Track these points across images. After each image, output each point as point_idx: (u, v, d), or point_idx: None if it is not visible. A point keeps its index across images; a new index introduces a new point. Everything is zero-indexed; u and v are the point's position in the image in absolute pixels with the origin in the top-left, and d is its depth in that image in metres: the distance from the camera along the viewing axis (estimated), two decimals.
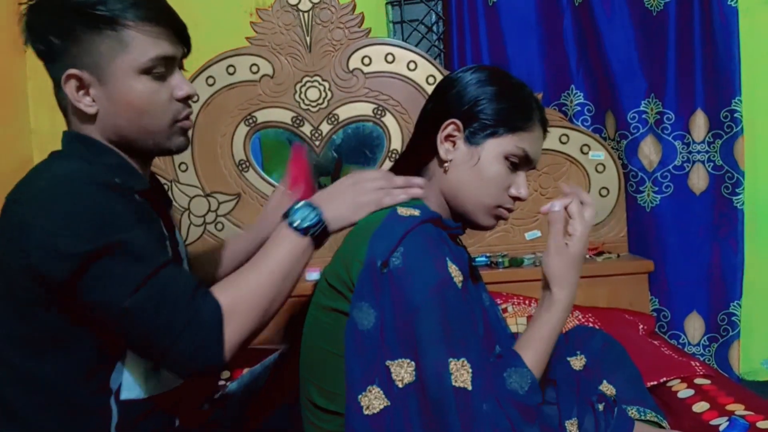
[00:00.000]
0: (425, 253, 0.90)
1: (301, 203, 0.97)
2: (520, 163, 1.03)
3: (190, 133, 1.01)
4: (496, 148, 1.01)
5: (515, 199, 1.05)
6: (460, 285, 0.91)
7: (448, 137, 1.03)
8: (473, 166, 1.01)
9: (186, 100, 0.97)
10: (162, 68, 0.93)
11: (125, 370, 0.92)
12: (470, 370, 0.86)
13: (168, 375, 0.97)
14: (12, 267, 0.85)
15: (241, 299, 0.88)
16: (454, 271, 0.91)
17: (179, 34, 0.96)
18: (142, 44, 0.91)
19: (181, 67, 0.99)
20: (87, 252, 0.80)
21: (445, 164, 1.03)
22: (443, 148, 1.03)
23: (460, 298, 0.91)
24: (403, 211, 0.95)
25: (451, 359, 0.86)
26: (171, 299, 0.83)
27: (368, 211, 0.98)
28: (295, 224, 0.94)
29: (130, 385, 0.92)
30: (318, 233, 0.95)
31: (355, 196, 0.99)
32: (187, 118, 0.99)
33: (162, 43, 0.92)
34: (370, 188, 0.99)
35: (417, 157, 1.07)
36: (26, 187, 0.87)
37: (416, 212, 0.95)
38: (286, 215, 0.96)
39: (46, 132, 2.10)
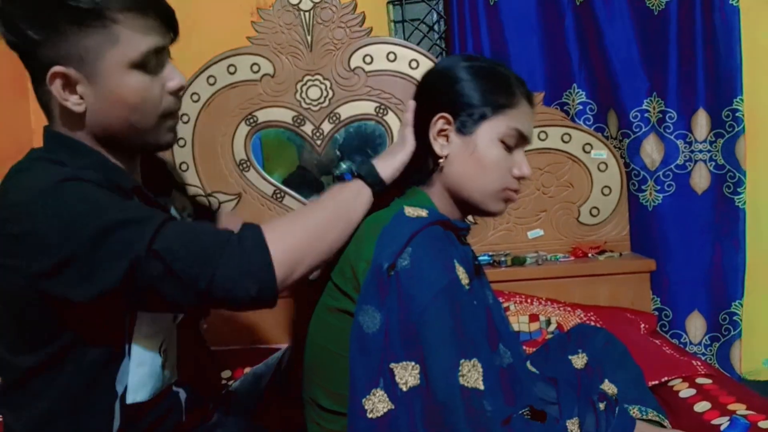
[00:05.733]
0: (433, 255, 0.90)
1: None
2: (516, 143, 1.01)
3: (177, 127, 0.97)
4: (489, 132, 0.99)
5: (519, 178, 1.03)
6: (467, 287, 0.91)
7: (440, 132, 1.01)
8: (471, 155, 0.99)
9: (177, 92, 0.92)
10: (153, 61, 0.88)
11: (130, 373, 0.89)
12: (481, 370, 0.86)
13: (170, 369, 0.95)
14: (14, 277, 0.81)
15: (282, 221, 0.85)
16: (462, 273, 0.91)
17: (168, 21, 0.90)
18: (132, 38, 0.85)
19: (168, 55, 0.93)
20: (86, 242, 0.76)
21: (441, 160, 1.01)
22: (437, 144, 1.01)
23: (468, 299, 0.91)
24: (410, 212, 0.95)
25: (462, 360, 0.86)
26: (196, 232, 0.79)
27: (411, 141, 1.03)
28: (340, 172, 0.94)
29: (135, 388, 0.89)
30: (367, 170, 0.98)
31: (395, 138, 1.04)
32: (176, 112, 0.94)
33: (152, 34, 0.87)
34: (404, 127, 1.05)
35: (414, 160, 1.04)
36: (8, 200, 0.82)
37: (424, 213, 0.95)
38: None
39: None
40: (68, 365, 0.86)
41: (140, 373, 0.90)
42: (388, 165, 1.00)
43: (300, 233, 0.85)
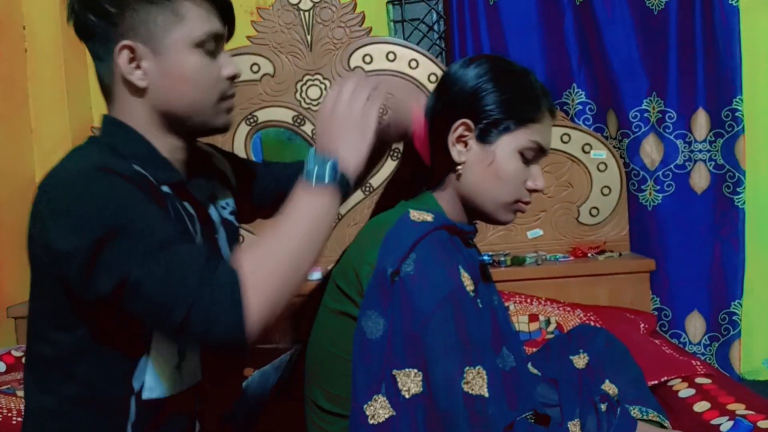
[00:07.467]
0: (437, 261, 0.89)
1: (310, 157, 0.89)
2: (535, 155, 0.99)
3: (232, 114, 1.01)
4: (510, 144, 0.97)
5: (532, 191, 1.01)
6: (472, 293, 0.91)
7: (459, 138, 0.98)
8: (488, 166, 0.97)
9: (233, 78, 0.98)
10: (212, 44, 0.94)
11: (149, 369, 0.90)
12: (485, 377, 0.86)
13: (189, 371, 0.95)
14: (41, 252, 0.85)
15: (261, 259, 0.81)
16: (466, 280, 0.91)
17: (226, 14, 0.97)
18: (196, 19, 0.92)
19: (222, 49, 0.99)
20: (91, 243, 0.78)
21: (459, 167, 0.98)
22: (455, 150, 0.98)
23: (473, 306, 0.90)
24: (415, 216, 0.93)
25: (467, 367, 0.85)
26: (181, 267, 0.78)
27: (374, 122, 0.92)
28: (307, 178, 0.87)
29: (152, 384, 0.90)
30: (336, 177, 0.87)
31: (352, 120, 0.91)
32: (232, 96, 0.99)
33: (213, 19, 0.94)
34: (358, 101, 0.92)
35: (430, 161, 1.02)
36: (47, 178, 0.86)
37: (429, 217, 0.94)
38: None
39: (46, 132, 2.09)
40: (89, 353, 0.88)
41: (157, 371, 0.91)
42: (354, 165, 0.90)
43: (280, 270, 0.81)
